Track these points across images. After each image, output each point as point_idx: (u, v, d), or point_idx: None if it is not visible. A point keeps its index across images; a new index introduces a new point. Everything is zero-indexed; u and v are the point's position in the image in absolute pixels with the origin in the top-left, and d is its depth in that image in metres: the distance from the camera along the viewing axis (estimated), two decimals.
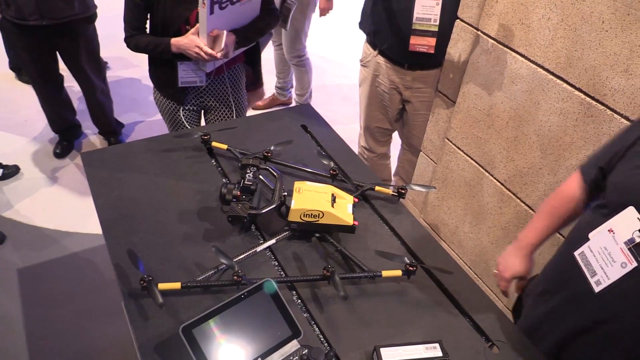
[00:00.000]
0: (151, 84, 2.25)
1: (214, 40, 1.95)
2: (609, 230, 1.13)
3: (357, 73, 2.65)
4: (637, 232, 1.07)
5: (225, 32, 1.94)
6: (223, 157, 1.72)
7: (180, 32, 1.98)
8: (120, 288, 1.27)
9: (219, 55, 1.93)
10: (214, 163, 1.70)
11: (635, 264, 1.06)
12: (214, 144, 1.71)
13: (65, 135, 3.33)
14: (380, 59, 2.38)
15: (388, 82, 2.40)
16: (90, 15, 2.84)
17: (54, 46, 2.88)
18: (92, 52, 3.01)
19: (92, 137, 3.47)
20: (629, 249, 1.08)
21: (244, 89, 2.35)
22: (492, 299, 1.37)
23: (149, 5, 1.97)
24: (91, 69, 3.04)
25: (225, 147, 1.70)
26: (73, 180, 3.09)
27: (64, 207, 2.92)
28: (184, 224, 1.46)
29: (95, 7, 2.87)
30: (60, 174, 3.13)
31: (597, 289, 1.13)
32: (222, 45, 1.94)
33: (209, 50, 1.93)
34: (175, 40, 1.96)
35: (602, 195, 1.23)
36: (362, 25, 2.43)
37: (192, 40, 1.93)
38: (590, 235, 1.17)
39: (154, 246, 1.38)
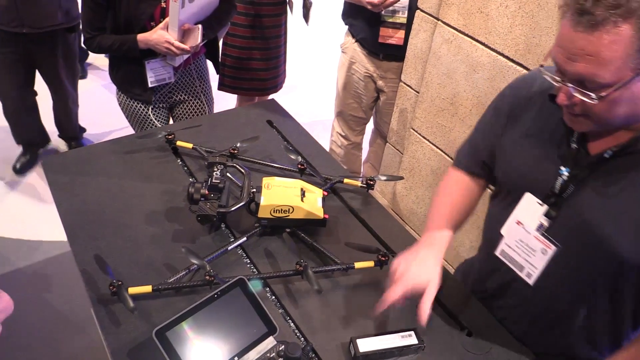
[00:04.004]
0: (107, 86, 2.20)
1: (182, 34, 1.93)
2: (517, 223, 1.13)
3: (324, 68, 2.66)
4: (542, 216, 1.08)
5: (200, 26, 1.93)
6: (189, 156, 1.70)
7: (145, 29, 1.94)
8: (89, 295, 1.24)
9: (191, 49, 1.92)
10: (180, 162, 1.68)
11: (554, 248, 1.07)
12: (178, 143, 1.69)
13: (31, 148, 3.15)
14: (357, 47, 2.44)
15: (363, 70, 2.46)
16: (73, 26, 2.73)
17: (32, 53, 2.73)
18: (70, 61, 2.90)
19: (53, 140, 3.36)
20: (542, 235, 1.08)
21: (209, 79, 2.33)
22: (464, 285, 1.39)
23: (110, 3, 1.91)
24: (66, 77, 2.92)
25: (190, 146, 1.68)
26: (33, 187, 3.00)
27: (25, 216, 2.84)
28: (151, 226, 1.43)
29: (79, 17, 2.71)
30: (19, 180, 3.04)
31: (531, 281, 1.14)
32: (199, 40, 1.93)
33: (181, 45, 1.90)
34: (142, 37, 1.92)
35: (495, 187, 1.26)
36: (343, 16, 2.50)
37: (161, 36, 1.89)
38: (502, 231, 1.18)
39: (122, 250, 1.35)
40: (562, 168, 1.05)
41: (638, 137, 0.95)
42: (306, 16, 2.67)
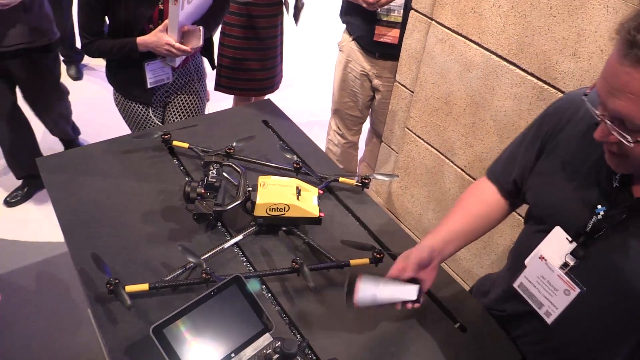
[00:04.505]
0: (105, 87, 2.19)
1: (182, 36, 1.94)
2: (540, 258, 1.08)
3: (320, 67, 2.67)
4: (569, 255, 1.02)
5: (201, 27, 1.95)
6: (185, 155, 1.71)
7: (144, 32, 1.94)
8: (86, 293, 1.25)
9: (191, 50, 1.93)
10: (176, 162, 1.69)
11: (578, 290, 1.01)
12: (175, 143, 1.69)
13: (31, 183, 2.95)
14: (354, 45, 2.46)
15: (359, 69, 2.49)
16: (48, 44, 2.56)
17: (9, 75, 2.56)
18: (52, 82, 2.74)
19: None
20: (566, 274, 1.03)
21: (205, 76, 2.35)
22: (459, 282, 1.41)
23: (108, 7, 1.90)
24: (51, 100, 2.79)
25: (186, 145, 1.69)
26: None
27: (21, 216, 2.84)
28: (148, 225, 1.44)
29: (56, 34, 2.59)
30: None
31: (549, 321, 1.08)
32: (201, 41, 1.94)
33: (182, 47, 1.91)
34: (142, 39, 1.92)
35: (527, 210, 1.19)
36: (341, 15, 2.53)
37: (161, 38, 1.90)
38: (526, 262, 1.12)
39: (119, 249, 1.36)
40: (600, 207, 0.97)
41: None
42: (296, 16, 2.68)
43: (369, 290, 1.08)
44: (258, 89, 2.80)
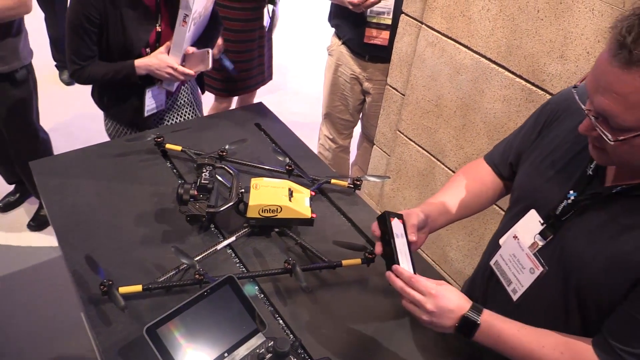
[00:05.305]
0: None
1: (183, 59, 1.86)
2: (514, 237, 1.12)
3: (311, 71, 2.69)
4: (538, 235, 1.06)
5: (210, 50, 1.86)
6: (178, 158, 1.72)
7: (140, 55, 1.85)
8: (80, 295, 1.26)
9: (195, 73, 1.86)
10: (169, 165, 1.70)
11: (541, 269, 1.06)
12: (168, 146, 1.71)
13: (24, 188, 2.89)
14: (344, 49, 2.48)
15: (349, 72, 2.50)
16: (9, 73, 2.26)
17: None
18: (21, 121, 2.44)
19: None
20: (534, 254, 1.07)
21: (200, 98, 2.31)
22: (451, 283, 1.42)
23: (102, 31, 1.77)
24: (19, 141, 2.49)
25: (179, 148, 1.70)
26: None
27: (13, 221, 2.83)
28: (141, 227, 1.45)
29: (21, 64, 2.29)
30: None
31: (515, 297, 1.12)
32: (210, 64, 1.86)
33: (185, 70, 1.82)
34: (142, 62, 1.81)
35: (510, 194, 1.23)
36: (330, 18, 2.54)
37: (163, 61, 1.80)
38: (500, 241, 1.17)
39: (113, 251, 1.37)
40: (571, 192, 1.02)
41: None
42: (271, 27, 2.68)
43: None
44: (230, 90, 2.82)
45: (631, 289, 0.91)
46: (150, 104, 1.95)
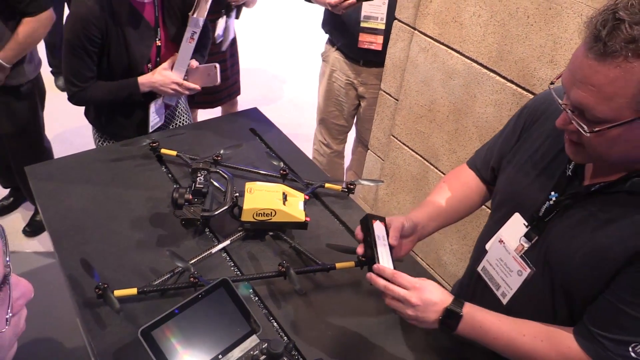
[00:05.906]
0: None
1: (186, 73, 1.87)
2: (499, 241, 1.14)
3: (305, 78, 2.70)
4: (524, 238, 1.08)
5: (217, 64, 1.86)
6: (173, 163, 1.73)
7: (143, 72, 1.84)
8: (75, 299, 1.26)
9: (200, 88, 1.86)
10: (164, 170, 1.71)
11: (529, 270, 1.07)
12: (163, 150, 1.72)
13: (18, 193, 2.88)
14: (338, 55, 2.50)
15: (344, 78, 2.52)
16: (14, 86, 2.26)
17: None
18: (25, 133, 2.43)
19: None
20: (521, 257, 1.09)
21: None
22: (445, 286, 1.43)
23: (103, 51, 1.74)
24: (22, 151, 2.48)
25: (174, 153, 1.71)
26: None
27: (6, 227, 2.83)
28: (136, 231, 1.46)
29: (26, 78, 2.30)
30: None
31: (504, 301, 1.13)
32: (219, 79, 1.86)
33: (190, 85, 1.83)
34: (146, 79, 1.80)
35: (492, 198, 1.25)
36: (323, 25, 2.56)
37: (167, 77, 1.80)
38: (487, 246, 1.18)
39: (108, 255, 1.38)
40: (553, 193, 1.04)
41: (627, 177, 0.92)
42: (222, 42, 2.65)
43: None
44: (202, 102, 2.82)
45: (612, 279, 0.94)
46: (154, 118, 1.94)
